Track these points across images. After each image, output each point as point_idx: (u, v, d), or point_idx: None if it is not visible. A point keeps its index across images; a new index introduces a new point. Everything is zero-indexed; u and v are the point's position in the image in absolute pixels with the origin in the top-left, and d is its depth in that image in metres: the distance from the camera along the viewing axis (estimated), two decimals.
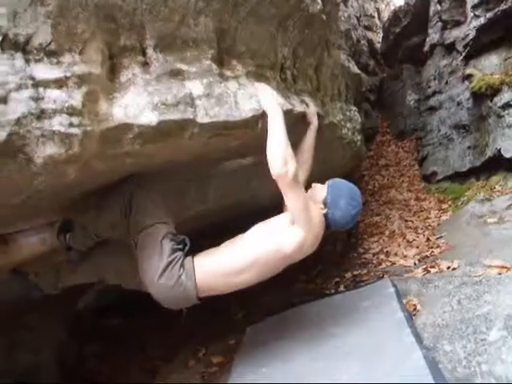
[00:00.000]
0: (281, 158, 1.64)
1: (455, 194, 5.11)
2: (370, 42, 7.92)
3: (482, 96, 4.59)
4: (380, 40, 8.18)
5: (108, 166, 1.60)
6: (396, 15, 7.46)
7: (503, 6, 4.31)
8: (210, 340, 3.10)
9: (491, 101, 4.47)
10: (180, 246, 1.78)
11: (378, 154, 6.95)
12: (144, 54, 1.59)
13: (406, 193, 5.88)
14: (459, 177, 5.34)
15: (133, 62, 1.56)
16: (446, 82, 5.65)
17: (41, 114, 1.32)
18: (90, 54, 1.43)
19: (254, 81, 1.90)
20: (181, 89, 1.61)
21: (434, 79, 6.02)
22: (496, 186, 4.24)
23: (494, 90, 4.35)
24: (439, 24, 5.91)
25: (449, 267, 2.91)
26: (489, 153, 4.56)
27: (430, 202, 5.22)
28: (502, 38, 4.70)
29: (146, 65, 1.59)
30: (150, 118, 1.51)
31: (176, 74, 1.62)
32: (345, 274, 3.44)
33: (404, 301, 2.59)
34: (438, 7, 5.91)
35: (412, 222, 4.65)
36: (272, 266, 1.84)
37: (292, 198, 1.72)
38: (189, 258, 1.78)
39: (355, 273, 3.40)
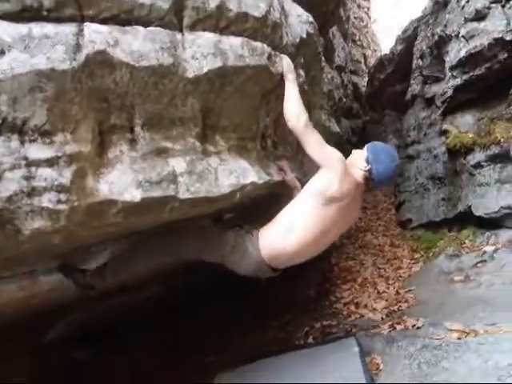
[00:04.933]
0: (294, 114, 2.04)
1: (428, 242, 5.29)
2: (355, 86, 8.25)
3: (457, 153, 4.83)
4: (365, 84, 8.52)
5: (90, 234, 1.68)
6: (381, 62, 7.81)
7: (477, 72, 4.60)
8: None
9: (464, 158, 4.71)
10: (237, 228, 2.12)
11: None
12: (132, 131, 1.70)
13: (381, 237, 6.06)
14: (433, 226, 5.54)
15: (121, 139, 1.67)
16: (425, 134, 5.92)
17: (31, 192, 1.41)
18: (81, 132, 1.54)
19: (235, 155, 2.03)
20: (165, 167, 1.71)
21: (414, 129, 6.30)
22: (466, 241, 4.42)
23: (468, 149, 4.60)
24: (420, 77, 6.22)
25: (414, 325, 3.04)
26: (460, 207, 4.78)
27: (403, 250, 5.40)
28: (476, 99, 4.99)
29: (133, 142, 1.69)
30: (133, 194, 1.61)
31: (161, 152, 1.73)
32: (315, 323, 3.53)
33: (368, 358, 2.70)
34: (420, 62, 6.23)
35: (384, 269, 4.79)
36: (317, 219, 2.01)
37: (309, 143, 2.03)
38: (255, 232, 2.08)
39: (325, 323, 3.49)
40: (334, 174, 1.97)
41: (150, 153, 1.70)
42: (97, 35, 1.48)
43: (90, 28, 1.48)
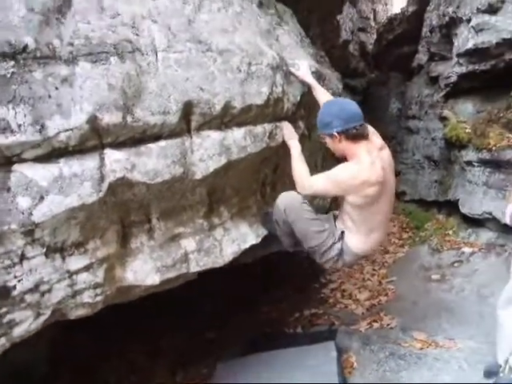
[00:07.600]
0: (299, 184, 2.26)
1: (417, 221, 5.66)
2: (362, 45, 8.00)
3: (453, 144, 5.00)
4: (372, 42, 8.26)
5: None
6: (391, 22, 7.54)
7: (482, 66, 4.60)
8: (185, 363, 3.63)
9: (459, 151, 4.90)
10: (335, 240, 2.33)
11: None
12: (149, 221, 1.99)
13: None
14: (424, 204, 5.88)
15: (140, 231, 1.97)
16: (426, 113, 5.99)
17: (74, 294, 1.76)
18: (108, 236, 1.84)
19: (237, 220, 2.33)
20: (178, 250, 2.03)
21: (416, 104, 6.33)
22: (450, 231, 4.79)
23: (462, 145, 4.76)
24: (427, 51, 6.12)
25: (388, 324, 3.53)
26: (450, 196, 5.07)
27: (394, 226, 5.77)
28: (479, 88, 5.03)
29: (150, 231, 1.99)
30: (153, 279, 1.95)
31: (175, 237, 2.04)
32: (304, 309, 4.03)
33: (345, 355, 3.22)
34: (429, 34, 6.08)
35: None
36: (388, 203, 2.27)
37: (323, 192, 2.39)
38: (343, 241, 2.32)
39: (313, 311, 3.99)
40: (357, 197, 2.14)
41: (166, 242, 2.01)
42: (116, 164, 1.68)
43: (110, 158, 1.67)
